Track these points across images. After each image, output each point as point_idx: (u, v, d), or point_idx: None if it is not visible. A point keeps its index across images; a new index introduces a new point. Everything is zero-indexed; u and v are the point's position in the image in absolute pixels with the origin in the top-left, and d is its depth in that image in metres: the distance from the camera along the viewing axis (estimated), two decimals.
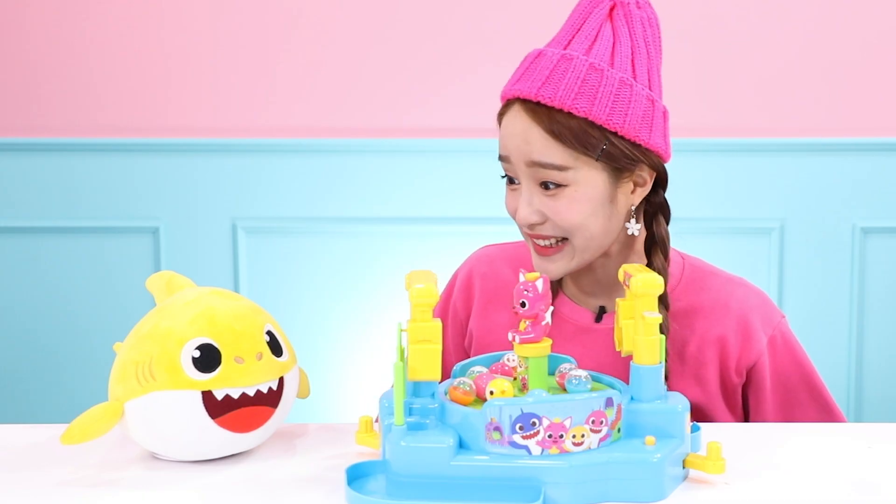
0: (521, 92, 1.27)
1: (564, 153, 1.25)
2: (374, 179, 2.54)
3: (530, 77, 1.27)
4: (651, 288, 1.08)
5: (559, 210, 1.27)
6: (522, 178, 1.28)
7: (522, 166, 1.27)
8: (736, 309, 1.35)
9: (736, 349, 1.35)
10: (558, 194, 1.26)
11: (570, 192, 1.26)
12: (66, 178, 2.55)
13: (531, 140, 1.26)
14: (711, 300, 1.36)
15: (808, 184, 2.51)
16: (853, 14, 2.49)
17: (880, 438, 1.23)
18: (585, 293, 1.39)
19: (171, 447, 1.14)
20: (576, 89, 1.24)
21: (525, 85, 1.27)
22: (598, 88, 1.25)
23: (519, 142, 1.27)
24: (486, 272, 1.46)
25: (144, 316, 1.18)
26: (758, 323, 1.35)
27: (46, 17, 2.53)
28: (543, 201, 1.27)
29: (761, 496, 1.05)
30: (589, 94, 1.24)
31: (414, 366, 1.05)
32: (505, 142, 1.29)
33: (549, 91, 1.25)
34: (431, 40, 2.52)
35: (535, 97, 1.25)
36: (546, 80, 1.25)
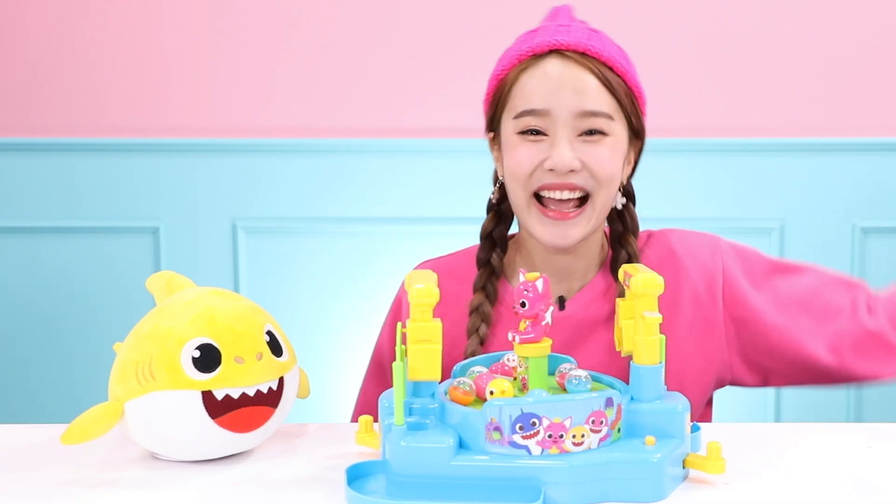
0: (567, 43, 1.28)
1: (611, 103, 1.29)
2: (374, 179, 2.54)
3: (569, 33, 1.30)
4: (651, 288, 1.08)
5: (600, 157, 1.28)
6: (561, 129, 1.27)
7: (567, 116, 1.27)
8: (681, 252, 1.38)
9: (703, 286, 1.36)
10: (600, 141, 1.28)
11: (611, 142, 1.29)
12: (66, 178, 2.55)
13: (584, 88, 1.27)
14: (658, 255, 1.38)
15: (808, 184, 2.51)
16: (853, 14, 2.49)
17: (880, 438, 1.23)
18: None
19: (171, 447, 1.14)
20: (616, 51, 1.31)
21: (568, 37, 1.29)
22: (626, 57, 1.33)
23: (569, 91, 1.27)
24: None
25: (144, 316, 1.18)
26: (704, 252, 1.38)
27: (46, 17, 2.53)
28: (583, 148, 1.28)
29: (761, 496, 1.05)
30: (623, 58, 1.31)
31: (414, 366, 1.05)
32: (545, 93, 1.28)
33: (597, 44, 1.29)
34: (431, 40, 2.52)
35: (583, 48, 1.28)
36: (588, 37, 1.30)
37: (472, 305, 1.37)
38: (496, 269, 1.39)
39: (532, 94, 1.28)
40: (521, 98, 1.29)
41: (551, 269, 1.37)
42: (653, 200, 1.45)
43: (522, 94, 1.29)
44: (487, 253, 1.40)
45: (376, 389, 1.44)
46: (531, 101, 1.28)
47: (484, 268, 1.40)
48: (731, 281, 1.37)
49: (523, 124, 1.29)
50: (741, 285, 1.37)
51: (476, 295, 1.38)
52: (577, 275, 1.38)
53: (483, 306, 1.37)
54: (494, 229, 1.41)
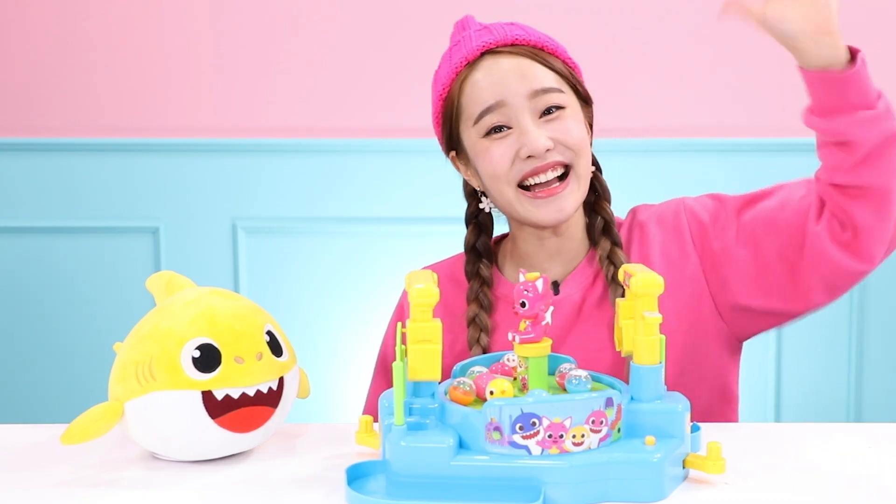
0: (493, 41, 1.33)
1: (556, 78, 1.33)
2: (374, 179, 2.54)
3: (490, 33, 1.35)
4: (651, 288, 1.08)
5: (567, 128, 1.32)
6: (521, 115, 1.31)
7: (522, 101, 1.31)
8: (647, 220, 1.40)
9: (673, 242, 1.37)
10: (561, 115, 1.32)
11: (570, 112, 1.33)
12: (66, 178, 2.55)
13: (528, 72, 1.31)
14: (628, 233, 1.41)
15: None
16: (853, 14, 2.48)
17: (880, 438, 1.23)
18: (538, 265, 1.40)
19: (171, 447, 1.14)
20: (537, 32, 1.36)
21: (491, 37, 1.34)
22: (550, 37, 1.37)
23: (515, 78, 1.31)
24: None
25: (144, 316, 1.18)
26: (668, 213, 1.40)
27: (46, 17, 2.53)
28: (549, 127, 1.31)
29: (761, 496, 1.05)
30: (547, 38, 1.36)
31: (414, 366, 1.05)
32: (493, 88, 1.31)
33: (522, 33, 1.34)
34: (431, 40, 2.52)
35: (511, 40, 1.33)
36: (511, 29, 1.35)
37: (469, 317, 1.39)
38: (486, 280, 1.42)
39: (481, 94, 1.32)
40: (472, 103, 1.33)
41: (545, 254, 1.40)
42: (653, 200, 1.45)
43: (472, 99, 1.33)
44: (474, 265, 1.43)
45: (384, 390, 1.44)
46: (483, 100, 1.32)
47: (474, 279, 1.41)
48: (699, 231, 1.37)
49: (485, 125, 1.32)
50: (708, 230, 1.37)
51: (471, 306, 1.40)
52: (569, 256, 1.40)
53: (479, 317, 1.39)
54: (477, 241, 1.44)
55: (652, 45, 2.49)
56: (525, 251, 1.41)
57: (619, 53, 1.40)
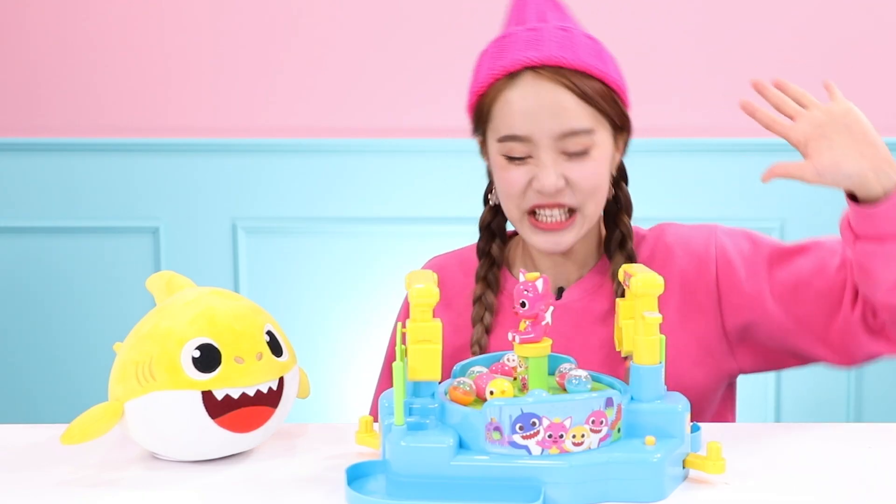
0: (539, 58, 1.26)
1: (592, 116, 1.28)
2: (374, 179, 2.54)
3: (539, 44, 1.27)
4: (651, 288, 1.08)
5: (585, 174, 1.28)
6: (542, 152, 1.28)
7: (547, 140, 1.27)
8: (675, 242, 1.38)
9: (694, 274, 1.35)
10: (584, 159, 1.28)
11: (594, 155, 1.29)
12: (66, 178, 2.55)
13: (562, 109, 1.26)
14: (652, 249, 1.38)
15: (808, 184, 2.50)
16: (852, 14, 2.49)
17: (880, 438, 1.23)
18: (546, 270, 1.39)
19: (171, 447, 1.14)
20: (588, 52, 1.28)
21: (538, 52, 1.27)
22: (601, 53, 1.30)
23: (547, 114, 1.26)
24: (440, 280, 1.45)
25: (144, 316, 1.18)
26: (698, 241, 1.37)
27: (46, 17, 2.53)
28: (567, 167, 1.28)
29: (761, 496, 1.05)
30: (597, 56, 1.29)
31: (414, 366, 1.05)
32: (524, 119, 1.27)
33: (568, 53, 1.27)
34: (431, 40, 2.52)
35: (555, 61, 1.26)
36: (559, 45, 1.27)
37: (476, 295, 1.39)
38: (496, 259, 1.41)
39: (512, 119, 1.28)
40: (501, 122, 1.29)
41: (551, 261, 1.39)
42: (653, 200, 1.46)
43: (502, 117, 1.29)
44: (487, 243, 1.42)
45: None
46: (512, 126, 1.28)
47: (484, 258, 1.41)
48: (726, 268, 1.35)
49: (506, 149, 1.30)
50: (738, 272, 1.35)
51: (478, 285, 1.40)
52: (577, 264, 1.39)
53: (486, 296, 1.39)
54: (492, 221, 1.42)
55: (652, 45, 2.49)
56: (532, 254, 1.41)
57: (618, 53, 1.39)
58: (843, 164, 1.23)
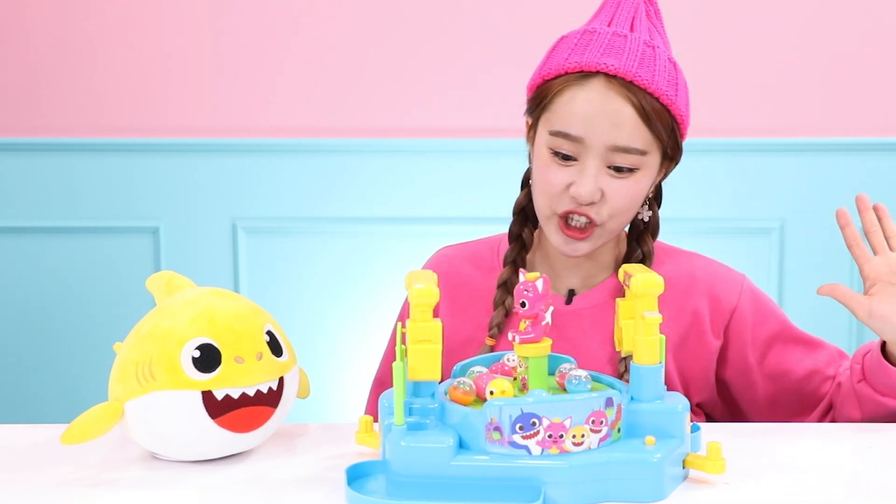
0: (616, 68, 1.25)
1: (648, 138, 1.27)
2: (374, 179, 2.54)
3: (620, 55, 1.26)
4: (651, 288, 1.08)
5: (622, 193, 1.28)
6: (590, 158, 1.26)
7: (600, 148, 1.26)
8: (701, 278, 1.39)
9: (708, 314, 1.38)
10: (628, 177, 1.28)
11: (638, 177, 1.28)
12: (66, 178, 2.55)
13: (622, 122, 1.25)
14: (677, 273, 1.39)
15: (808, 184, 2.51)
16: (853, 14, 2.49)
17: (880, 438, 1.23)
18: (561, 270, 1.40)
19: (171, 447, 1.14)
20: (665, 77, 1.27)
21: (618, 61, 1.25)
22: (677, 80, 1.29)
23: (606, 124, 1.25)
24: (447, 271, 1.44)
25: (144, 316, 1.18)
26: (724, 286, 1.39)
27: (46, 17, 2.53)
28: (608, 182, 1.27)
29: (761, 496, 1.05)
30: (671, 83, 1.28)
31: (414, 366, 1.05)
32: (583, 121, 1.25)
33: (645, 73, 1.26)
34: (432, 40, 2.52)
35: (631, 76, 1.25)
36: (640, 61, 1.26)
37: (501, 279, 1.39)
38: (526, 244, 1.41)
39: (570, 117, 1.26)
40: (559, 116, 1.28)
41: (564, 262, 1.39)
42: None
43: (562, 112, 1.27)
44: (520, 227, 1.41)
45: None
46: (568, 124, 1.26)
47: (515, 242, 1.41)
48: (738, 322, 1.39)
49: (556, 144, 1.28)
50: (745, 331, 1.39)
51: (505, 269, 1.39)
52: (591, 271, 1.39)
53: (511, 280, 1.38)
54: (528, 204, 1.41)
55: None
56: (549, 251, 1.41)
57: None
58: (890, 320, 1.30)
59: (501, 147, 2.47)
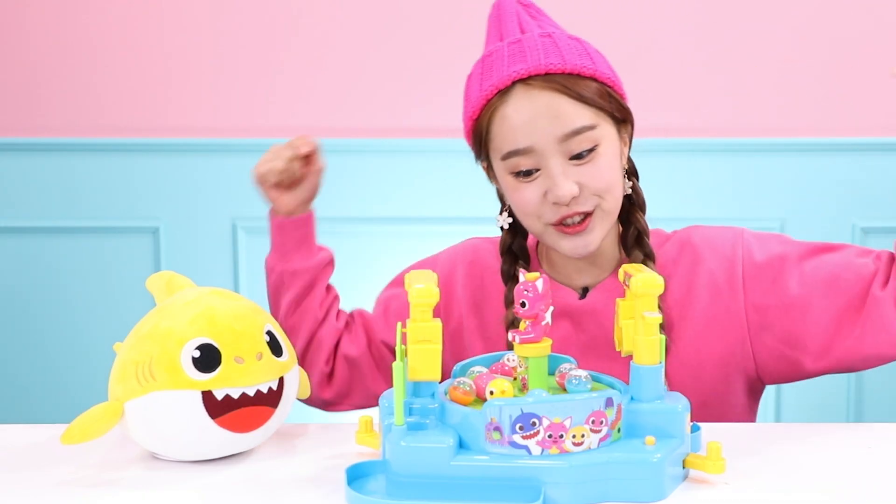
0: (525, 70, 1.26)
1: (591, 114, 1.27)
2: (374, 179, 2.54)
3: (524, 55, 1.27)
4: (651, 288, 1.08)
5: (596, 172, 1.27)
6: (550, 160, 1.27)
7: (552, 146, 1.26)
8: (701, 243, 1.37)
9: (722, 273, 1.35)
10: (591, 159, 1.28)
11: (601, 152, 1.28)
12: (66, 178, 2.55)
13: (561, 112, 1.25)
14: (678, 248, 1.38)
15: (808, 184, 2.51)
16: (853, 14, 2.49)
17: (880, 438, 1.23)
18: (570, 272, 1.40)
19: (171, 447, 1.14)
20: (575, 52, 1.28)
21: (524, 63, 1.26)
22: (587, 51, 1.30)
23: (545, 121, 1.25)
24: (472, 260, 1.45)
25: (144, 316, 1.18)
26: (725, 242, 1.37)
27: (46, 17, 2.53)
28: (577, 172, 1.27)
29: (761, 496, 1.05)
30: (583, 55, 1.29)
31: (414, 366, 1.05)
32: (523, 130, 1.26)
33: (556, 59, 1.26)
34: (432, 40, 2.52)
35: (544, 69, 1.25)
36: (544, 52, 1.27)
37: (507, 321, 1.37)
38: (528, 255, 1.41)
39: (510, 133, 1.27)
40: (501, 139, 1.28)
41: (574, 265, 1.38)
42: (653, 200, 1.45)
43: (501, 134, 1.28)
44: (511, 265, 1.41)
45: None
46: (512, 141, 1.27)
47: (510, 281, 1.40)
48: (752, 270, 1.35)
49: (513, 165, 1.29)
50: (763, 274, 1.35)
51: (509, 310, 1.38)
52: (601, 267, 1.39)
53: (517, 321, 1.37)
54: (513, 242, 1.41)
55: (652, 46, 2.49)
56: (556, 259, 1.41)
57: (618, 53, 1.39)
58: None
59: None
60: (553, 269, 1.42)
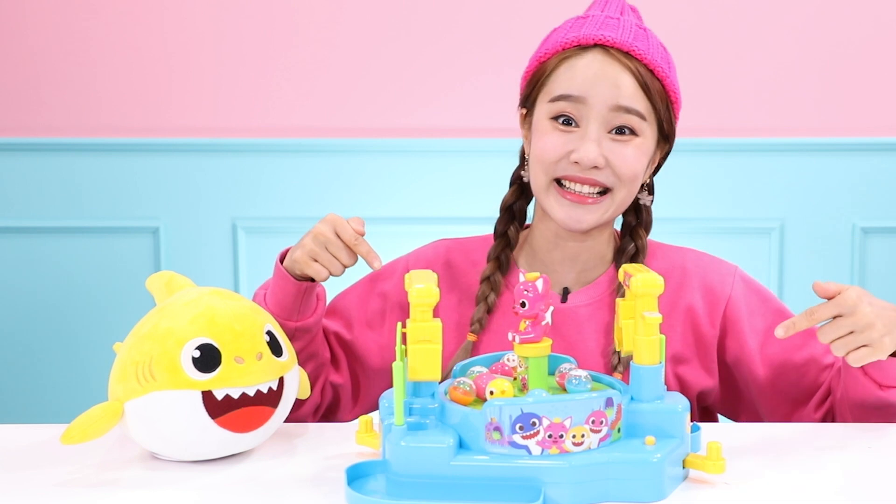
0: (613, 39, 1.29)
1: (646, 105, 1.30)
2: (374, 179, 2.54)
3: (616, 29, 1.30)
4: (651, 288, 1.08)
5: (626, 157, 1.30)
6: (593, 121, 1.29)
7: (602, 108, 1.28)
8: (693, 270, 1.39)
9: (704, 308, 1.38)
10: (630, 142, 1.30)
11: (640, 143, 1.31)
12: (67, 178, 2.55)
13: (622, 85, 1.28)
14: (668, 267, 1.39)
15: (808, 184, 2.51)
16: (853, 13, 2.49)
17: (880, 438, 1.23)
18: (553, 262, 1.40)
19: (171, 447, 1.14)
20: (659, 54, 1.31)
21: (615, 34, 1.29)
22: (669, 61, 1.34)
23: (608, 84, 1.28)
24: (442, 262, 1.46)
25: (144, 316, 1.18)
26: (717, 277, 1.39)
27: (47, 17, 2.53)
28: (611, 146, 1.29)
29: (761, 496, 1.05)
30: (666, 61, 1.32)
31: (414, 366, 1.05)
32: (584, 82, 1.29)
33: (641, 45, 1.30)
34: (432, 41, 2.52)
35: (627, 47, 1.29)
36: (635, 36, 1.30)
37: (484, 275, 1.39)
38: (511, 242, 1.41)
39: (571, 81, 1.29)
40: (558, 83, 1.30)
41: (561, 255, 1.38)
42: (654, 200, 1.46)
43: (561, 80, 1.30)
44: (505, 225, 1.42)
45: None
46: (569, 87, 1.29)
47: (500, 238, 1.41)
48: (733, 311, 1.38)
49: (557, 109, 1.30)
50: (741, 320, 1.38)
51: (489, 265, 1.40)
52: (586, 265, 1.39)
53: (494, 276, 1.39)
54: (515, 203, 1.42)
55: None
56: (539, 246, 1.41)
57: None
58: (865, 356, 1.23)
59: (501, 147, 2.46)
60: (534, 259, 1.41)
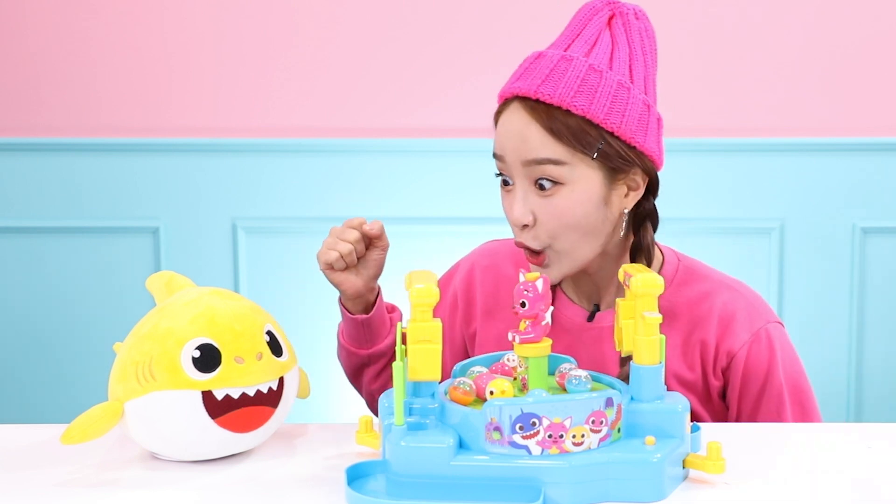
0: (520, 90, 1.27)
1: (562, 150, 1.25)
2: (374, 179, 2.54)
3: (530, 76, 1.28)
4: (651, 288, 1.08)
5: (553, 211, 1.26)
6: (517, 178, 1.28)
7: (518, 166, 1.27)
8: (719, 311, 1.35)
9: (713, 352, 1.35)
10: (554, 193, 1.26)
11: (567, 192, 1.26)
12: (67, 178, 2.55)
13: (528, 137, 1.25)
14: (695, 300, 1.36)
15: (808, 184, 2.51)
16: (853, 13, 2.49)
17: (880, 438, 1.23)
18: (582, 292, 1.39)
19: (171, 447, 1.14)
20: (575, 88, 1.25)
21: (524, 83, 1.27)
22: (597, 88, 1.26)
23: (516, 141, 1.26)
24: (488, 265, 1.46)
25: (144, 316, 1.18)
26: (741, 323, 1.35)
27: (47, 17, 2.53)
28: (537, 202, 1.27)
29: (761, 496, 1.05)
30: (588, 93, 1.25)
31: (414, 366, 1.05)
32: (501, 140, 1.29)
33: (548, 89, 1.25)
34: (432, 41, 2.52)
35: (534, 95, 1.26)
36: (546, 78, 1.26)
37: None
38: None
39: (497, 139, 1.30)
40: (495, 139, 1.31)
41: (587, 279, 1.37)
42: None
43: (496, 135, 1.31)
44: None
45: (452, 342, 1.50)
46: (496, 145, 1.30)
47: None
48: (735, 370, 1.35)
49: (497, 166, 1.31)
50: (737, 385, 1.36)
51: None
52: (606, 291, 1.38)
53: None
54: None
55: None
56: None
57: None
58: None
59: None
60: (573, 285, 1.40)
